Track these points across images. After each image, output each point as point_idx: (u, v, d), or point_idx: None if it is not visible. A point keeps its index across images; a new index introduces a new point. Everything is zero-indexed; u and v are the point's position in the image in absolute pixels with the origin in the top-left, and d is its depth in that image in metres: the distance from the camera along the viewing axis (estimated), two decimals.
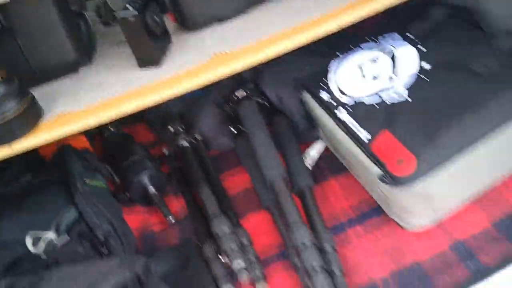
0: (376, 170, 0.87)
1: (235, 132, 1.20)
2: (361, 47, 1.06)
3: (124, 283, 0.79)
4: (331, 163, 1.10)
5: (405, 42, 1.00)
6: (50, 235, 0.94)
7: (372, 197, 0.99)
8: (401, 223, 0.92)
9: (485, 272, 0.81)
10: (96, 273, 0.80)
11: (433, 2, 1.06)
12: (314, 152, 1.13)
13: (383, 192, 0.90)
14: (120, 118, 1.34)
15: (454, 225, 0.89)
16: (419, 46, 0.98)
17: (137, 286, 0.80)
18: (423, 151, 0.82)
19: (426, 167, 0.82)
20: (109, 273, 0.79)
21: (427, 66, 0.93)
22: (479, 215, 0.89)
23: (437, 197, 0.86)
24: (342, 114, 0.96)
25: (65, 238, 0.95)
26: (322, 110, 1.02)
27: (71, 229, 0.97)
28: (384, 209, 0.96)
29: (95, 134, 1.33)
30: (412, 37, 1.00)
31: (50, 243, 0.94)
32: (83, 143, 1.23)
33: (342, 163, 1.08)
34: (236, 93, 1.19)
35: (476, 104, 0.84)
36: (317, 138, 1.15)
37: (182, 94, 0.89)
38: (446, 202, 0.89)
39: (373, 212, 0.97)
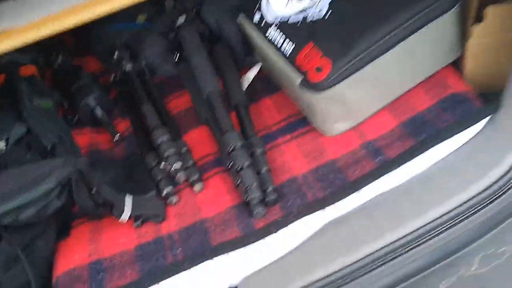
0: (298, 79, 0.97)
1: (178, 58, 1.28)
2: None
3: (67, 177, 0.87)
4: (266, 84, 1.20)
5: None
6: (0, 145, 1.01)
7: (300, 110, 1.10)
8: (322, 130, 1.04)
9: (390, 164, 0.93)
10: (41, 170, 0.88)
11: None
12: (250, 74, 1.22)
13: (305, 101, 1.00)
14: (69, 50, 1.39)
15: (366, 127, 1.01)
16: None
17: (79, 181, 0.89)
18: (338, 58, 0.93)
19: (340, 73, 0.92)
20: (53, 170, 0.87)
21: None
22: (388, 118, 1.01)
23: (351, 101, 0.97)
24: (271, 32, 1.05)
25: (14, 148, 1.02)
26: (255, 31, 1.10)
27: (20, 141, 1.03)
28: (309, 119, 1.06)
29: (45, 66, 1.38)
30: None
31: None
32: (31, 71, 1.28)
33: (275, 83, 1.18)
34: (178, 21, 1.26)
35: (386, 17, 0.94)
36: (255, 63, 1.24)
37: (118, 10, 0.94)
38: (360, 107, 1.00)
39: (300, 122, 1.08)
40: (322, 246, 0.86)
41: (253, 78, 1.22)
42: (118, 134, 1.17)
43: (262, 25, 1.08)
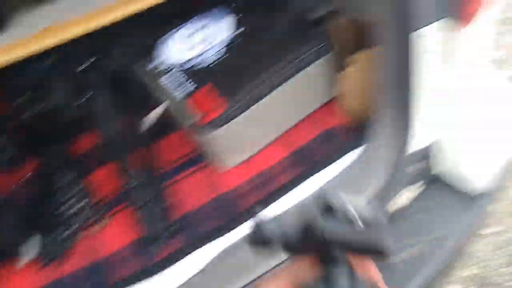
0: (195, 118, 1.06)
1: (84, 99, 1.32)
2: (192, 18, 1.23)
3: None
4: (168, 123, 1.27)
5: (227, 11, 1.20)
6: None
7: (199, 146, 1.18)
8: (219, 163, 1.13)
9: (279, 192, 1.03)
10: None
11: None
12: (154, 114, 1.29)
13: (202, 137, 1.09)
14: None
15: (259, 158, 1.12)
16: (238, 14, 1.18)
17: None
18: (232, 97, 1.03)
19: (233, 110, 1.03)
20: None
21: (242, 29, 1.14)
22: (279, 149, 1.12)
23: (244, 136, 1.08)
24: (172, 74, 1.13)
25: None
26: (157, 74, 1.18)
27: None
28: (207, 154, 1.15)
29: None
30: (234, 7, 1.21)
31: None
32: None
33: (177, 122, 1.26)
34: (84, 64, 1.31)
35: (270, 61, 1.07)
36: (159, 103, 1.31)
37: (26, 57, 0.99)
38: (253, 141, 1.11)
39: (199, 158, 1.17)
40: (217, 273, 0.94)
41: (157, 117, 1.29)
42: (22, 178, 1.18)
43: (163, 68, 1.16)
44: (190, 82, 1.08)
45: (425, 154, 1.08)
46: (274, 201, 1.03)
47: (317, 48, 1.08)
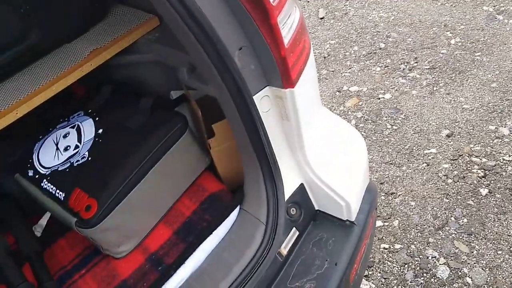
0: (73, 220, 1.09)
1: None
2: (56, 127, 1.29)
3: None
4: (59, 226, 1.29)
5: (87, 117, 1.27)
6: None
7: (90, 242, 1.21)
8: (112, 255, 1.16)
9: (168, 270, 1.08)
10: None
11: (104, 81, 1.36)
12: (42, 221, 1.30)
13: (86, 236, 1.12)
14: None
15: (148, 242, 1.16)
16: (95, 117, 1.26)
17: None
18: (101, 195, 1.08)
19: (106, 207, 1.08)
20: None
21: (100, 131, 1.21)
22: (164, 229, 1.18)
23: (126, 226, 1.12)
24: (45, 183, 1.17)
25: None
26: (31, 185, 1.21)
27: None
28: (99, 249, 1.18)
29: None
30: (91, 111, 1.28)
31: None
32: None
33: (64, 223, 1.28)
34: None
35: (134, 153, 1.14)
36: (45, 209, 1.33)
37: None
38: (137, 228, 1.16)
39: (93, 253, 1.20)
40: None
41: (46, 224, 1.30)
42: None
43: (37, 178, 1.20)
44: (61, 189, 1.13)
45: (300, 195, 1.19)
46: (164, 282, 1.07)
47: (178, 126, 1.18)
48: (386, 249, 1.87)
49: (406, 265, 1.79)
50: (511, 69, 2.53)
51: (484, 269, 1.72)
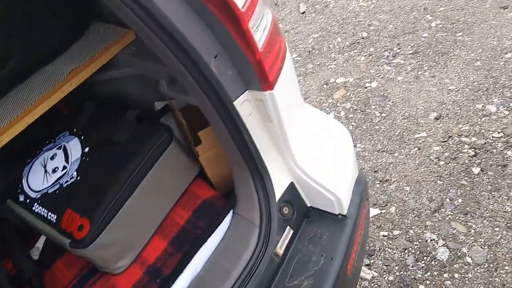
0: (67, 241, 1.10)
1: None
2: (43, 150, 1.30)
3: None
4: (55, 248, 1.30)
5: (72, 136, 1.28)
6: None
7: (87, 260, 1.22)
8: (110, 272, 1.17)
9: (167, 281, 1.09)
10: None
11: (88, 98, 1.37)
12: (39, 244, 1.31)
13: (81, 256, 1.13)
14: None
15: (145, 255, 1.17)
16: (81, 135, 1.26)
17: None
18: (93, 214, 1.09)
19: (99, 224, 1.08)
20: None
21: (87, 149, 1.22)
22: (159, 240, 1.19)
23: (121, 241, 1.13)
24: (36, 206, 1.18)
25: None
26: (23, 210, 1.21)
27: None
28: (97, 267, 1.19)
29: None
30: (76, 130, 1.29)
31: None
32: None
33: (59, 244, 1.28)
34: None
35: (121, 166, 1.15)
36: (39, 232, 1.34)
37: None
38: (132, 242, 1.17)
39: (91, 272, 1.20)
40: None
41: (43, 246, 1.31)
42: None
43: (28, 202, 1.20)
44: (52, 211, 1.13)
45: (291, 194, 1.20)
46: None
47: (164, 137, 1.18)
48: (385, 236, 1.88)
49: (406, 250, 1.80)
50: (494, 46, 2.55)
51: (483, 247, 1.73)
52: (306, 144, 1.18)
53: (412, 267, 1.75)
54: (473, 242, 1.75)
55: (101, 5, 1.33)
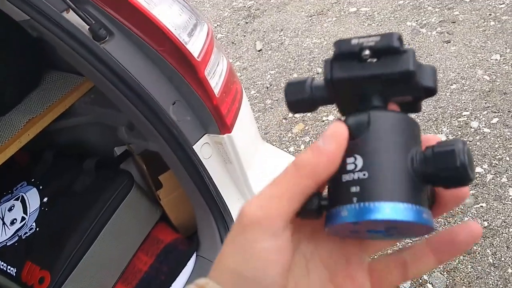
0: None
1: None
2: (1, 201, 1.27)
3: None
4: None
5: (30, 186, 1.26)
6: None
7: None
8: None
9: None
10: None
11: (47, 146, 1.36)
12: None
13: None
14: None
15: None
16: (39, 186, 1.25)
17: None
18: (53, 266, 1.07)
19: (59, 276, 1.06)
20: None
21: (45, 199, 1.20)
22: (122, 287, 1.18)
23: None
24: None
25: None
26: None
27: None
28: None
29: None
30: (34, 180, 1.27)
31: None
32: None
33: None
34: None
35: (81, 216, 1.14)
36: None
37: None
38: None
39: None
40: None
41: None
42: None
43: None
44: (11, 265, 1.11)
45: None
46: None
47: (124, 184, 1.19)
48: None
49: None
50: (440, 78, 2.71)
51: (442, 273, 1.79)
52: (265, 181, 1.21)
53: None
54: (433, 269, 1.81)
55: (55, 54, 1.34)
